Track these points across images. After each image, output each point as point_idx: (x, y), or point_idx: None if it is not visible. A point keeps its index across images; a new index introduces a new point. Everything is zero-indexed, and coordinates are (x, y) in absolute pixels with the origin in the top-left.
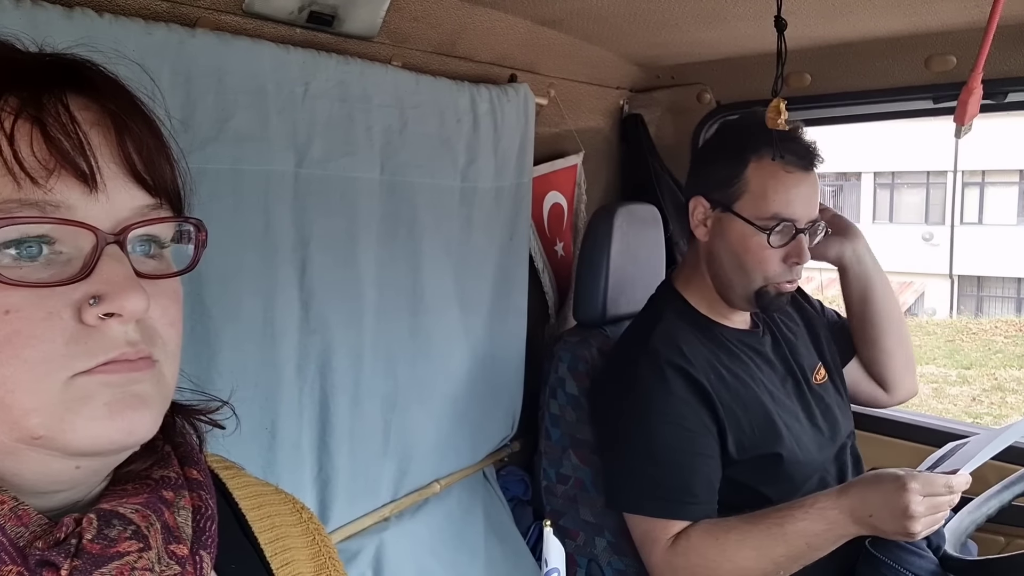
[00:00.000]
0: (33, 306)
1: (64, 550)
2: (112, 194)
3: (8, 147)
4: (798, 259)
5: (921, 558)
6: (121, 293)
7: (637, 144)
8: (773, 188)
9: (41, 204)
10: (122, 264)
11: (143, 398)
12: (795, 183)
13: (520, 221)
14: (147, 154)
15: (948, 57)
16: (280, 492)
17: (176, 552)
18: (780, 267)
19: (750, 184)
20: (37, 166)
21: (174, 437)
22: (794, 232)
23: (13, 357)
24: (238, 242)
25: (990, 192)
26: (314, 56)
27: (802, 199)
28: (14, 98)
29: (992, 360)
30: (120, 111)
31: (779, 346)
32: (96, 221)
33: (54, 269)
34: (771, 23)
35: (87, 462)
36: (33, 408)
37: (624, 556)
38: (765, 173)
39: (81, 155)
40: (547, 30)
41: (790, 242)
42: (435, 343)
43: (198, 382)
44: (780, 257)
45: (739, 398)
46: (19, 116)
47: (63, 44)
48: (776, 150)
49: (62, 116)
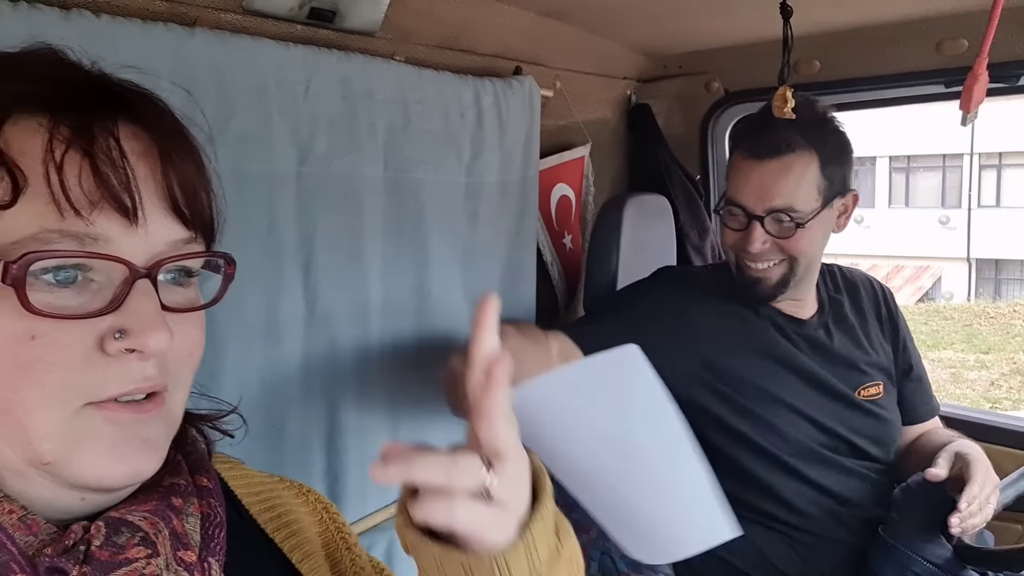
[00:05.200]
0: (59, 333)
1: (73, 557)
2: (151, 228)
3: (57, 177)
4: (744, 243)
5: (936, 545)
6: (146, 331)
7: (645, 135)
8: (731, 175)
9: (81, 236)
10: (151, 299)
11: (150, 441)
12: (746, 170)
13: (527, 214)
14: (189, 188)
15: (959, 40)
16: (284, 480)
17: (184, 558)
18: (739, 243)
19: (727, 172)
20: (82, 199)
21: (184, 446)
22: (746, 218)
23: (34, 382)
24: (242, 241)
25: (1008, 174)
26: (315, 53)
27: (752, 186)
28: (66, 127)
29: (1011, 344)
30: (167, 143)
31: (825, 347)
32: (131, 255)
33: (85, 297)
34: (778, 10)
35: (92, 496)
36: (46, 433)
37: None
38: (732, 161)
39: (126, 191)
40: (552, 21)
41: (746, 227)
42: (442, 339)
43: (204, 382)
44: (737, 237)
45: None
46: (70, 147)
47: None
48: (738, 136)
49: (112, 151)
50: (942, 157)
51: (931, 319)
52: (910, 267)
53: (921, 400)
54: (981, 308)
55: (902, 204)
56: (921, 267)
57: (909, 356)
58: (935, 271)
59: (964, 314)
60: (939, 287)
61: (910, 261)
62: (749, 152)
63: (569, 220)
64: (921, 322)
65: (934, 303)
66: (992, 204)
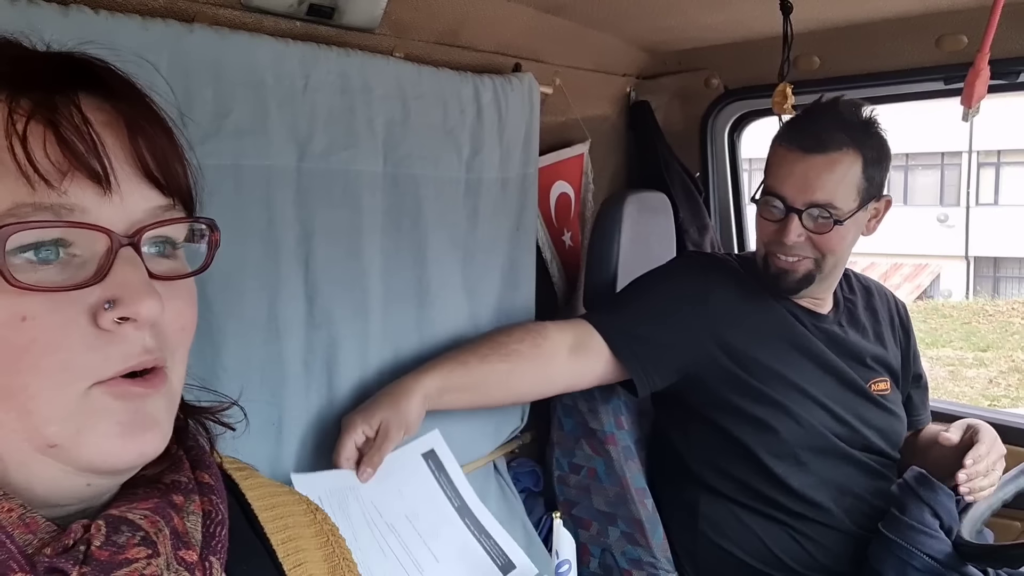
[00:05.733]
0: (50, 312)
1: (72, 557)
2: (126, 195)
3: (22, 149)
4: (782, 235)
5: (935, 540)
6: (136, 297)
7: (645, 131)
8: (771, 163)
9: (55, 208)
10: (136, 267)
11: (155, 418)
12: (790, 161)
13: (527, 211)
14: (160, 154)
15: (959, 36)
16: (294, 493)
17: (185, 558)
18: (773, 236)
19: (767, 163)
20: (51, 168)
21: (186, 441)
22: (785, 210)
23: (32, 366)
24: (241, 238)
25: (1006, 172)
26: (314, 49)
27: (795, 178)
28: (26, 100)
29: (1009, 342)
30: (133, 111)
31: (840, 341)
32: (110, 223)
33: (69, 272)
34: (777, 6)
35: (98, 480)
36: (52, 416)
37: (638, 546)
38: (774, 151)
39: (95, 156)
40: (551, 17)
41: (783, 219)
42: (442, 335)
43: (204, 379)
44: (773, 229)
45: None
46: (32, 118)
47: (68, 42)
48: (786, 128)
49: (75, 117)
50: (940, 155)
51: (929, 317)
52: (908, 265)
53: (924, 408)
54: (979, 306)
55: (900, 202)
56: (920, 265)
57: (919, 366)
58: (934, 269)
59: (962, 312)
60: (937, 285)
61: (909, 259)
62: (796, 144)
63: (568, 217)
64: (920, 320)
65: (932, 301)
66: (990, 202)
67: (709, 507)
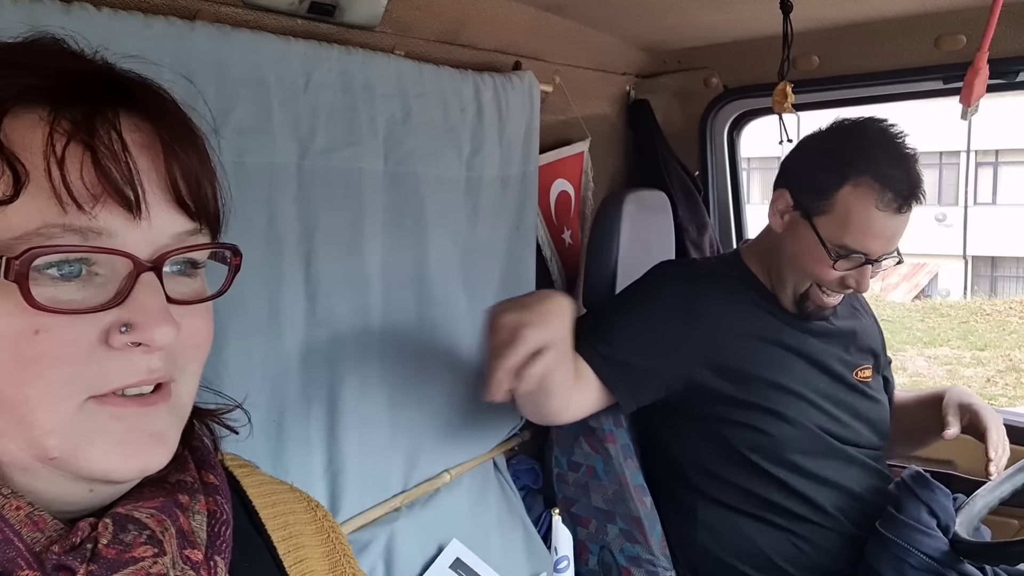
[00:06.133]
0: (63, 328)
1: (80, 555)
2: (154, 220)
3: (58, 171)
4: (856, 286)
5: (932, 538)
6: (152, 324)
7: (644, 130)
8: (857, 221)
9: (84, 231)
10: (156, 293)
11: (158, 435)
12: (881, 222)
13: (527, 210)
14: (193, 179)
15: (958, 36)
16: (295, 490)
17: (191, 557)
18: (836, 282)
19: (838, 207)
20: (84, 193)
21: (191, 441)
22: (862, 262)
23: (38, 377)
24: (242, 235)
25: (1004, 172)
26: (316, 47)
27: (883, 239)
28: (67, 121)
29: (1006, 341)
30: (170, 135)
31: (827, 332)
32: (135, 248)
33: (89, 291)
34: (777, 5)
35: (101, 487)
36: (51, 429)
37: (636, 543)
38: (857, 202)
39: (129, 184)
40: (552, 16)
41: (855, 268)
42: (442, 333)
43: (205, 377)
44: (838, 274)
45: (744, 347)
46: (71, 140)
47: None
48: (870, 175)
49: (114, 144)
50: (939, 154)
51: (927, 316)
52: (906, 264)
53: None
54: (977, 305)
55: None
56: (918, 264)
57: (885, 349)
58: (932, 268)
59: (960, 311)
60: (935, 284)
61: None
62: (892, 205)
63: (568, 215)
64: (918, 319)
65: (931, 300)
66: (988, 202)
67: (707, 512)
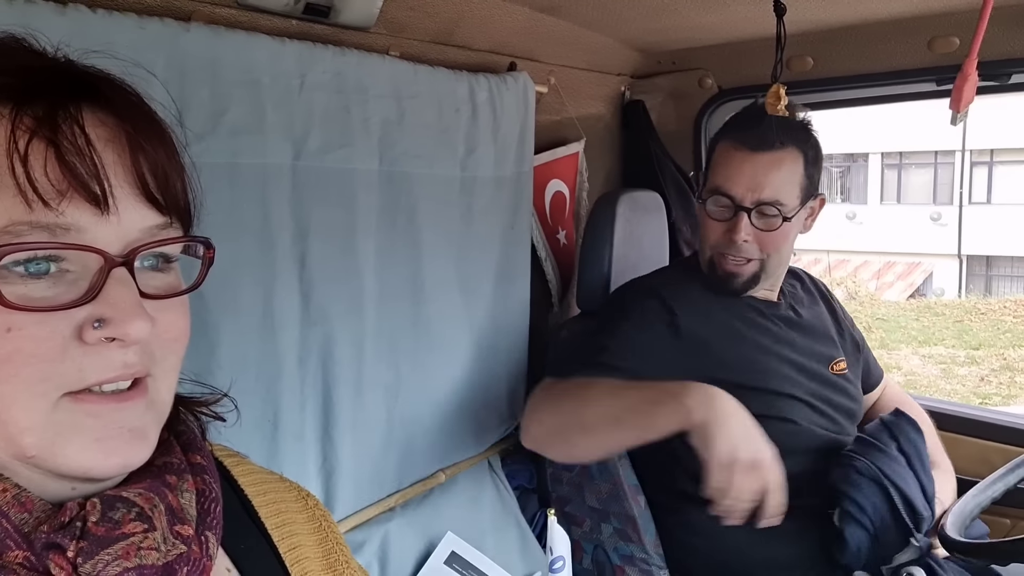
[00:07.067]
0: (36, 325)
1: (69, 533)
2: (123, 215)
3: (22, 168)
4: (731, 234)
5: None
6: (125, 319)
7: (639, 131)
8: (718, 163)
9: (52, 227)
10: (128, 288)
11: (137, 431)
12: (738, 161)
13: (521, 210)
14: (160, 172)
15: (951, 39)
16: (285, 480)
17: (181, 532)
18: (721, 238)
19: (709, 163)
20: (50, 189)
21: (176, 426)
22: (733, 208)
23: (13, 375)
24: (236, 235)
25: (999, 171)
26: (310, 48)
27: (743, 176)
28: (29, 117)
29: (1001, 340)
30: (135, 129)
31: (798, 324)
32: (105, 244)
33: (60, 288)
34: (771, 7)
35: (83, 485)
36: (27, 427)
37: (630, 542)
38: (719, 151)
39: (95, 179)
40: (546, 17)
41: (732, 218)
42: (437, 333)
43: (198, 375)
44: (722, 229)
45: (728, 346)
46: (34, 136)
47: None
48: (728, 128)
49: (78, 139)
50: (934, 154)
51: (922, 315)
52: (901, 263)
53: (871, 369)
54: (972, 304)
55: (894, 200)
56: (913, 263)
57: (854, 333)
58: (926, 267)
59: (955, 310)
60: (930, 283)
61: (902, 257)
62: (742, 143)
63: (563, 216)
64: (912, 318)
65: (925, 299)
66: (983, 201)
67: (700, 512)
